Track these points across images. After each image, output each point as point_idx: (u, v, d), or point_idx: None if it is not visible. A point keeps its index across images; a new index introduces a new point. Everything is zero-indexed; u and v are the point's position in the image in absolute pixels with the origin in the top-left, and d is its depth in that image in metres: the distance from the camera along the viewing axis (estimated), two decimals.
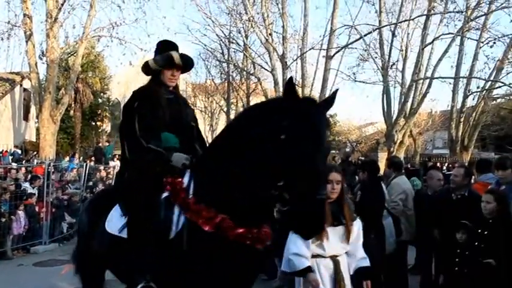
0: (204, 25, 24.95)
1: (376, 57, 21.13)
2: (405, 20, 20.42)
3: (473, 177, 6.78)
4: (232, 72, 30.21)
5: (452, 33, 19.06)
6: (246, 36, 24.86)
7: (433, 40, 19.80)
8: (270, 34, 21.51)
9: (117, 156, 19.58)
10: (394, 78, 21.59)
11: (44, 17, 19.05)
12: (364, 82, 21.75)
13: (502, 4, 17.55)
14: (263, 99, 25.36)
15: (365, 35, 19.96)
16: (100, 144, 28.69)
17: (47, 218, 11.02)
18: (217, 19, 24.32)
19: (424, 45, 19.68)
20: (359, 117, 44.23)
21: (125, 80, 36.76)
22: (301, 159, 2.44)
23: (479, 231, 4.70)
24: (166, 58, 3.55)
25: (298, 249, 3.59)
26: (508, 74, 20.01)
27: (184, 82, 37.79)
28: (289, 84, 2.63)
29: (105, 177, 16.23)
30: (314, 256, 3.66)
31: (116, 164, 17.49)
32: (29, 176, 12.34)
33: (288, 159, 2.46)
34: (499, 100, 24.25)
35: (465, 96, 22.09)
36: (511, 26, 18.54)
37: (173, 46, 3.64)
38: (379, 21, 20.35)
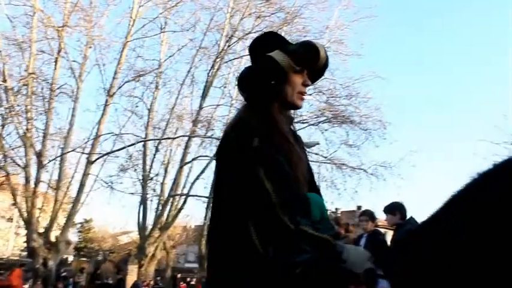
0: None
1: (136, 169, 21.45)
2: (168, 138, 21.61)
3: None
4: None
5: (208, 156, 20.68)
6: (3, 126, 22.77)
7: (192, 160, 21.34)
8: (28, 129, 20.10)
9: None
10: (153, 190, 22.11)
11: None
12: (123, 192, 20.98)
13: None
14: (11, 196, 23.12)
15: (130, 145, 20.34)
16: None
17: None
18: None
19: (184, 163, 21.03)
20: (114, 226, 42.69)
21: None
22: None
23: None
24: (311, 49, 1.91)
25: None
26: None
27: None
28: None
29: None
30: None
31: None
32: None
33: None
34: None
35: None
36: None
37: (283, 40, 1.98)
38: (146, 133, 21.18)
